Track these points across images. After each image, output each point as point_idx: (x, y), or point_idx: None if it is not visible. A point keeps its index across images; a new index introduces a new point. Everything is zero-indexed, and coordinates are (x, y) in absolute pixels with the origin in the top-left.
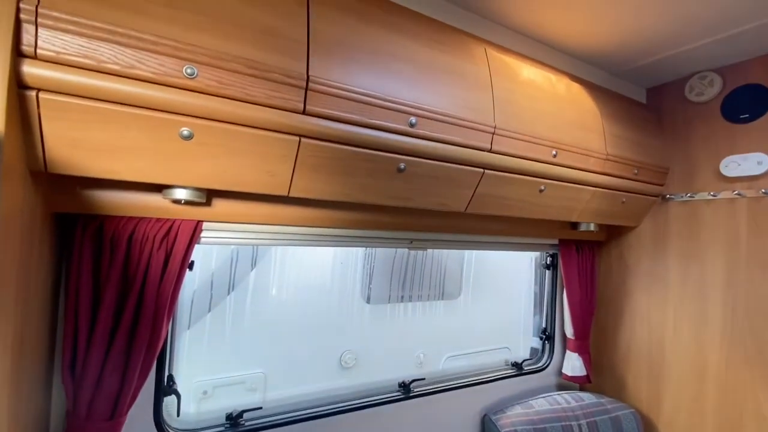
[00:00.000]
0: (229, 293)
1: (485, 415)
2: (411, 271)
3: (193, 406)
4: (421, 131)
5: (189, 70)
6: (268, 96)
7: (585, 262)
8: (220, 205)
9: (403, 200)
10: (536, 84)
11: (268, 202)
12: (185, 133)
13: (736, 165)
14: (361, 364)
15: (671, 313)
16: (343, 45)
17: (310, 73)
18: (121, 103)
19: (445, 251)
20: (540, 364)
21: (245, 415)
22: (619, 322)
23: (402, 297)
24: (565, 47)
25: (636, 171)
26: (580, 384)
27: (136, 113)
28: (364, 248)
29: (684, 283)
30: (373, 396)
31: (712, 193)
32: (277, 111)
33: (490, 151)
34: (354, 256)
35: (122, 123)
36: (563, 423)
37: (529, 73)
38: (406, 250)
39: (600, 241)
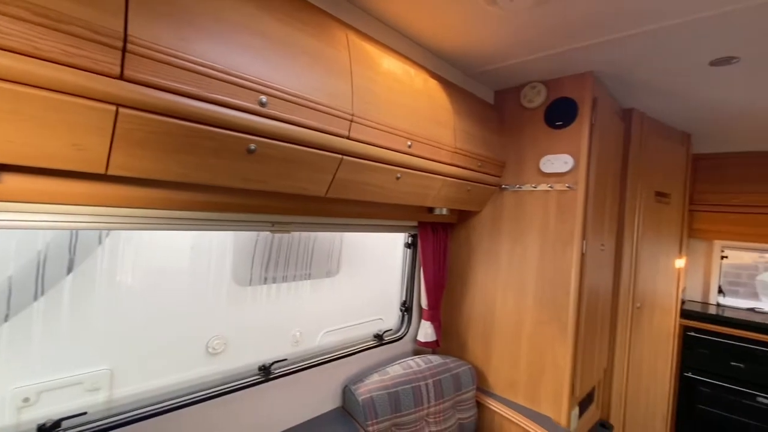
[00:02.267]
0: (68, 275)
1: (346, 386)
2: (287, 251)
3: (10, 417)
4: (273, 112)
5: None
6: (66, 53)
7: (439, 242)
8: (11, 181)
9: (256, 183)
10: (396, 76)
11: (85, 180)
12: None
13: (551, 163)
14: (231, 349)
15: (501, 284)
16: (176, 5)
17: (129, 33)
18: None
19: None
20: (399, 334)
21: (64, 423)
22: (465, 292)
23: (283, 277)
24: (425, 43)
25: (480, 164)
26: (433, 348)
27: None
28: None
29: (511, 259)
30: (234, 382)
31: (533, 185)
32: (84, 73)
33: (348, 138)
34: (224, 236)
35: None
36: (413, 384)
37: (390, 64)
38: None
39: (452, 224)
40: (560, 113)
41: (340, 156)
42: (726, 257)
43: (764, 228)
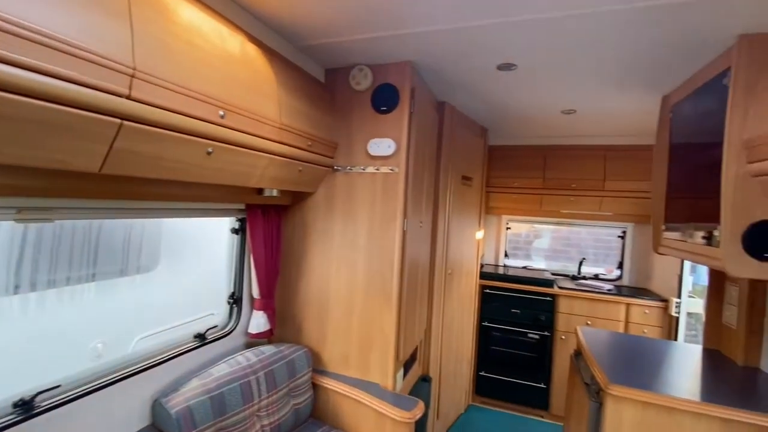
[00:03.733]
0: None
1: (156, 400)
2: (84, 246)
3: None
4: (10, 55)
5: None
6: None
7: (271, 226)
8: None
9: None
10: (202, 32)
11: None
12: None
13: (377, 146)
14: None
15: (334, 263)
16: None
17: None
18: None
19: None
20: (227, 329)
21: None
22: (300, 275)
23: (77, 278)
24: (245, 3)
25: (310, 143)
26: (267, 338)
27: None
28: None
29: (343, 239)
30: None
31: (362, 167)
32: None
33: (128, 97)
34: None
35: None
36: (242, 381)
37: (193, 15)
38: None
39: (286, 205)
40: (385, 98)
41: (118, 120)
42: (510, 228)
43: (534, 205)
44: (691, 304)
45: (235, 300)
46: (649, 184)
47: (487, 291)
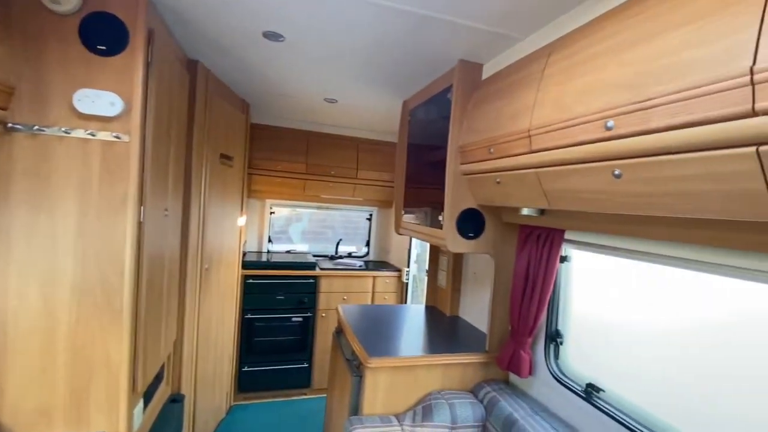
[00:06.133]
0: None
1: None
2: None
3: None
4: None
5: None
6: None
7: None
8: None
9: None
10: None
11: None
12: None
13: (91, 101)
14: None
15: (13, 276)
16: None
17: None
18: None
19: None
20: None
21: None
22: None
23: None
24: None
25: None
26: None
27: None
28: None
29: (31, 238)
30: None
31: (65, 129)
32: None
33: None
34: None
35: None
36: None
37: None
38: None
39: None
40: (103, 34)
41: None
42: (273, 213)
43: (298, 189)
44: (416, 271)
45: None
46: (392, 175)
47: (251, 281)
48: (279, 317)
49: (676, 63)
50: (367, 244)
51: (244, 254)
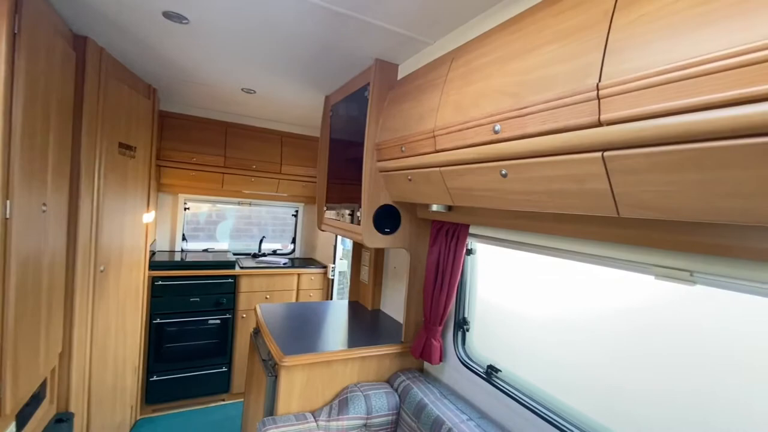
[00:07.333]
0: None
1: None
2: None
3: None
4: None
5: None
6: None
7: None
8: None
9: None
10: None
11: None
12: None
13: None
14: None
15: None
16: None
17: None
18: None
19: None
20: None
21: None
22: None
23: None
24: None
25: None
26: None
27: None
28: None
29: None
30: None
31: None
32: None
33: None
34: None
35: None
36: None
37: None
38: None
39: None
40: None
41: None
42: (188, 208)
43: (216, 184)
44: (341, 267)
45: None
46: (316, 171)
47: (160, 283)
48: (194, 320)
49: (546, 76)
50: (293, 241)
51: (153, 254)
